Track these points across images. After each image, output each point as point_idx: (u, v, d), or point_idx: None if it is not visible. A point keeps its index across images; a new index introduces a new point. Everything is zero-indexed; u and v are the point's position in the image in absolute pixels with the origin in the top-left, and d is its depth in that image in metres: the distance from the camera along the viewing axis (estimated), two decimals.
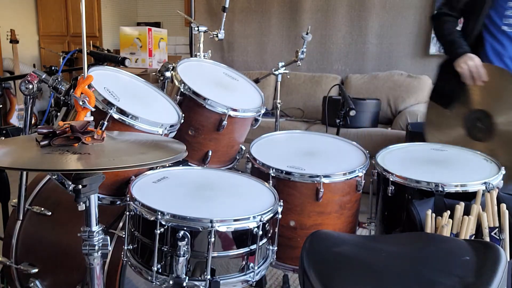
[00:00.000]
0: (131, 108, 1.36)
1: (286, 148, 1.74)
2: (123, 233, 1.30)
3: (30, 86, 1.40)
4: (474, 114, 1.86)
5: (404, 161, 1.66)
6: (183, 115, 1.56)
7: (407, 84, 3.91)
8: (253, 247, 1.21)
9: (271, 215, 1.24)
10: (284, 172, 1.49)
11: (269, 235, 1.30)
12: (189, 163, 1.66)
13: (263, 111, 1.75)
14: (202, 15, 5.06)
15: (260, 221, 1.18)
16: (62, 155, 0.93)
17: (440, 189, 1.42)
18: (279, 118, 2.50)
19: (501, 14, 1.86)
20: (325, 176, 1.46)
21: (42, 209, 1.62)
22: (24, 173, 1.50)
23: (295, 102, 4.32)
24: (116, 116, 1.32)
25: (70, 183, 1.31)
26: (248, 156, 1.64)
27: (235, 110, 1.61)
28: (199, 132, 1.64)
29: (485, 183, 1.43)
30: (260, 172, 1.55)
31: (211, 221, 1.12)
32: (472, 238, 1.32)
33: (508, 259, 1.09)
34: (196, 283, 1.15)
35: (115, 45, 5.66)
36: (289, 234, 1.52)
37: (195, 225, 1.12)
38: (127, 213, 1.25)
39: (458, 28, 2.01)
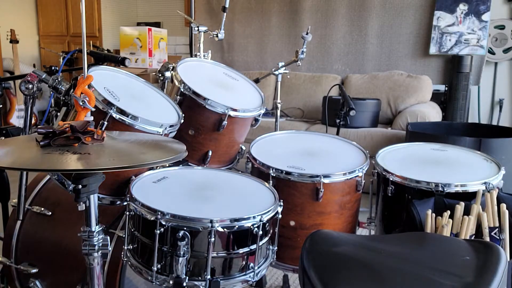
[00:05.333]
0: (131, 108, 1.36)
1: (286, 148, 1.74)
2: (123, 233, 1.30)
3: (30, 86, 1.39)
4: None
5: (404, 161, 1.66)
6: (183, 115, 1.56)
7: (407, 84, 3.91)
8: (253, 247, 1.21)
9: (271, 215, 1.24)
10: (284, 172, 1.49)
11: (269, 235, 1.30)
12: (189, 163, 1.66)
13: (263, 111, 1.75)
14: (202, 15, 5.06)
15: (260, 221, 1.18)
16: (62, 155, 0.93)
17: (440, 189, 1.42)
18: (279, 118, 2.50)
19: None
20: (325, 176, 1.46)
21: (42, 209, 1.62)
22: (24, 173, 1.50)
23: (295, 102, 4.32)
24: (116, 116, 1.32)
25: (70, 183, 1.31)
26: (248, 156, 1.64)
27: (235, 110, 1.61)
28: (199, 132, 1.64)
29: (485, 183, 1.43)
30: (260, 172, 1.55)
31: (211, 221, 1.12)
32: (472, 238, 1.32)
33: (508, 259, 1.09)
34: (196, 283, 1.15)
35: (115, 45, 5.66)
36: (289, 234, 1.52)
37: (195, 225, 1.12)
38: (127, 213, 1.25)
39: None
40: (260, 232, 1.19)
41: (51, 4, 5.78)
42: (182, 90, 1.60)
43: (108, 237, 1.08)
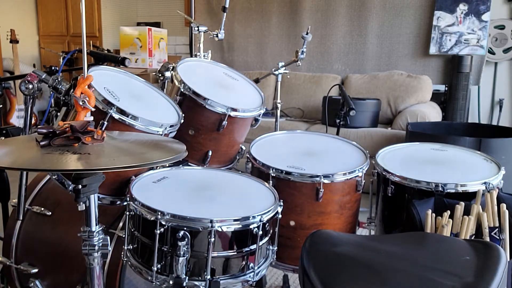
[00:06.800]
0: (131, 108, 1.36)
1: (286, 148, 1.74)
2: (123, 233, 1.30)
3: (30, 86, 1.39)
4: None
5: (404, 161, 1.66)
6: (183, 115, 1.56)
7: (407, 84, 3.91)
8: (253, 247, 1.21)
9: (271, 215, 1.24)
10: (284, 172, 1.49)
11: (269, 235, 1.30)
12: (189, 163, 1.66)
13: (263, 111, 1.75)
14: (202, 15, 5.06)
15: (260, 221, 1.18)
16: (62, 155, 0.93)
17: (440, 189, 1.42)
18: (279, 118, 2.50)
19: None
20: (325, 176, 1.46)
21: (42, 209, 1.62)
22: (24, 173, 1.50)
23: (295, 102, 4.32)
24: (116, 116, 1.32)
25: (70, 183, 1.31)
26: (248, 156, 1.64)
27: (235, 110, 1.61)
28: (199, 132, 1.64)
29: (485, 183, 1.43)
30: (260, 172, 1.55)
31: (211, 221, 1.12)
32: (472, 238, 1.32)
33: (508, 259, 1.09)
34: (196, 283, 1.15)
35: (115, 45, 5.66)
36: (289, 234, 1.52)
37: (195, 225, 1.12)
38: (127, 213, 1.25)
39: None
40: (260, 232, 1.19)
41: (51, 4, 5.78)
42: (182, 90, 1.60)
43: (108, 237, 1.08)
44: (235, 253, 1.19)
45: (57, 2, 5.74)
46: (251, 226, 1.18)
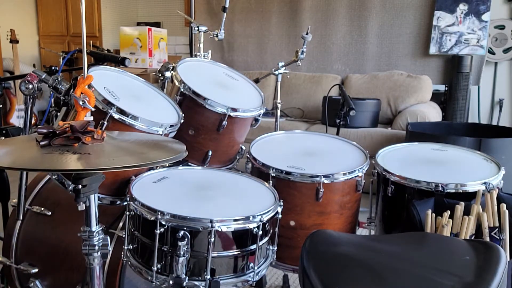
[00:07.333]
0: (131, 108, 1.36)
1: (286, 148, 1.74)
2: (123, 233, 1.30)
3: (30, 86, 1.39)
4: None
5: (404, 161, 1.66)
6: (183, 115, 1.56)
7: (407, 84, 3.91)
8: (253, 247, 1.21)
9: (271, 215, 1.24)
10: (284, 172, 1.49)
11: (269, 235, 1.30)
12: (189, 163, 1.66)
13: (263, 111, 1.75)
14: (202, 15, 5.06)
15: (260, 221, 1.18)
16: (62, 155, 0.93)
17: (440, 189, 1.42)
18: (279, 118, 2.50)
19: None
20: (325, 176, 1.46)
21: (42, 209, 1.62)
22: (24, 173, 1.50)
23: (295, 102, 4.32)
24: (116, 116, 1.32)
25: (70, 183, 1.31)
26: (248, 156, 1.64)
27: (235, 110, 1.61)
28: (199, 132, 1.64)
29: (485, 183, 1.43)
30: (260, 172, 1.55)
31: (211, 221, 1.12)
32: (472, 238, 1.32)
33: (508, 259, 1.09)
34: (196, 283, 1.15)
35: (115, 45, 5.66)
36: (289, 234, 1.52)
37: (195, 225, 1.12)
38: (127, 213, 1.25)
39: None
40: (260, 232, 1.19)
41: (51, 4, 5.78)
42: (182, 90, 1.60)
43: (108, 237, 1.08)
44: (235, 253, 1.19)
45: (57, 2, 5.74)
46: (251, 226, 1.18)
